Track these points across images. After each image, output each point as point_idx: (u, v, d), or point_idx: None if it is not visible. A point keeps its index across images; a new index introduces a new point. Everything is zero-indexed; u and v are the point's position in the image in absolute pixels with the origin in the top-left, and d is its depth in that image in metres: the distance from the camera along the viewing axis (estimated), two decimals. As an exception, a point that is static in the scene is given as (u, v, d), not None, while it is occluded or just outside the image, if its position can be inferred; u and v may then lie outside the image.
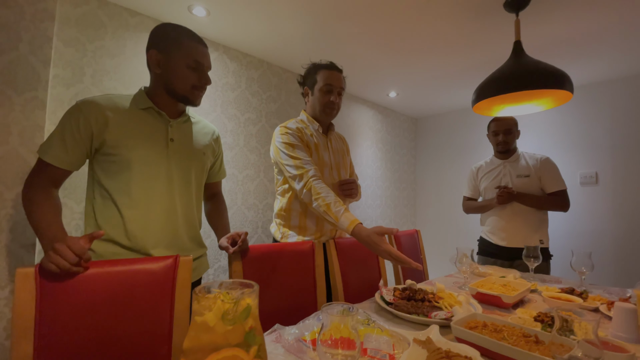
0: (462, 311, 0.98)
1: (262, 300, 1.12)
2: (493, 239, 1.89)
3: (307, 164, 1.25)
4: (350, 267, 1.44)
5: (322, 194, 1.20)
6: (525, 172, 1.81)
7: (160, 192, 0.99)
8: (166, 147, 1.00)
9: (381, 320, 1.00)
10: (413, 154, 3.43)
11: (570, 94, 1.19)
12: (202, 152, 1.11)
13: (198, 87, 1.00)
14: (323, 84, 1.34)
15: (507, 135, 1.83)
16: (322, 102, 1.36)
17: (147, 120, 0.99)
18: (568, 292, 1.24)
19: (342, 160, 1.51)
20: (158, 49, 0.96)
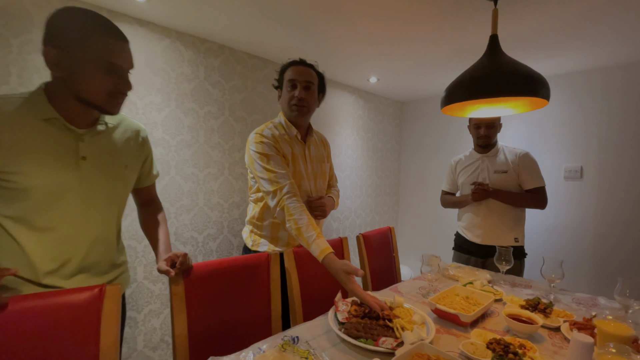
0: (412, 338, 0.93)
1: (208, 319, 1.06)
2: (468, 235, 1.86)
3: (282, 178, 1.19)
4: (311, 278, 1.38)
5: (295, 216, 1.14)
6: (503, 167, 1.76)
7: (70, 219, 0.83)
8: (77, 168, 0.82)
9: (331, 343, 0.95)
10: (398, 141, 3.29)
11: (545, 101, 1.06)
12: (124, 166, 0.93)
13: (115, 94, 0.81)
14: (287, 81, 1.26)
15: (489, 130, 1.76)
16: (286, 99, 1.27)
17: (50, 134, 0.77)
18: (532, 305, 1.19)
19: (319, 169, 1.43)
20: (56, 45, 0.73)
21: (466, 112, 1.27)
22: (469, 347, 0.91)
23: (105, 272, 0.94)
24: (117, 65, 0.79)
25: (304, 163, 1.35)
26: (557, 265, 1.34)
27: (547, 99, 1.01)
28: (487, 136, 1.77)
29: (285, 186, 1.17)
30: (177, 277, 1.02)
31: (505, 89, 0.97)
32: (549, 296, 1.36)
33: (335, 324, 1.03)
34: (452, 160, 2.01)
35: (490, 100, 1.17)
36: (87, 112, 0.83)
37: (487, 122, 1.75)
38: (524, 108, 1.24)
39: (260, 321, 1.19)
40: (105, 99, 0.80)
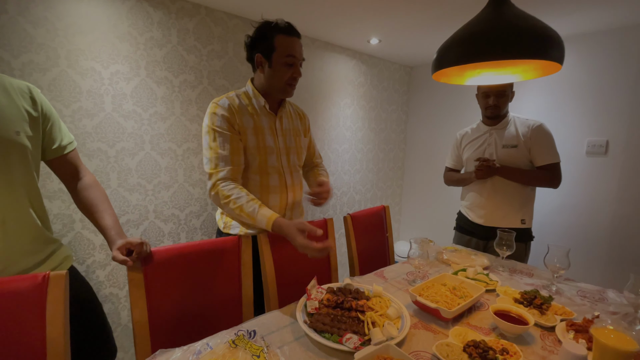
0: (380, 336, 0.84)
1: (172, 306, 1.02)
2: (470, 215, 1.73)
3: (222, 161, 1.12)
4: (288, 262, 1.30)
5: (233, 196, 1.08)
6: (513, 141, 1.57)
7: None
8: None
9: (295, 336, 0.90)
10: (404, 110, 3.03)
11: (558, 65, 0.85)
12: (15, 132, 0.78)
13: None
14: (285, 55, 1.11)
15: (500, 99, 1.55)
16: (284, 79, 1.13)
17: None
18: (528, 299, 1.07)
19: (294, 143, 1.32)
20: None
21: (464, 79, 1.06)
22: (442, 349, 0.82)
23: (32, 252, 0.85)
24: None
25: (272, 136, 1.23)
26: (563, 255, 1.20)
27: (559, 62, 0.80)
28: (496, 106, 1.56)
29: (222, 171, 1.11)
30: (135, 264, 0.96)
31: (508, 49, 0.76)
32: (551, 287, 1.23)
33: (302, 314, 0.97)
34: (458, 134, 1.81)
35: (493, 64, 0.96)
36: None
37: (497, 90, 1.53)
38: (533, 73, 1.02)
39: (231, 307, 1.15)
40: None
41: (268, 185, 1.23)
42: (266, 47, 1.12)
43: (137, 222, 1.65)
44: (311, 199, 1.25)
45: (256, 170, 1.20)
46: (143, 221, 1.66)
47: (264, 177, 1.22)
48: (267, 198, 1.23)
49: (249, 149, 1.17)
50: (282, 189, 1.26)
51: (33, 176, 0.85)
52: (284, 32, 1.11)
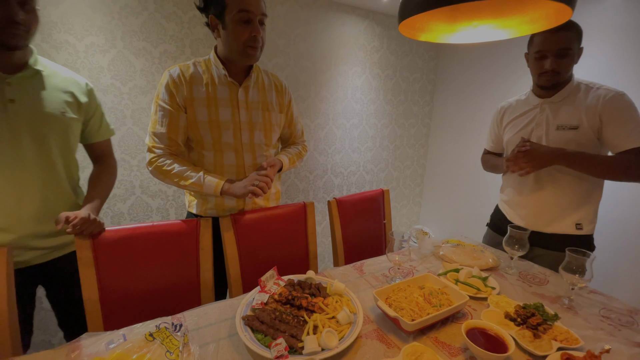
0: (312, 346, 0.75)
1: (125, 286, 1.02)
2: (509, 213, 1.36)
3: (158, 138, 1.07)
4: (255, 247, 1.23)
5: (175, 168, 1.07)
6: (573, 120, 1.14)
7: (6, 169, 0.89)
8: (4, 110, 0.87)
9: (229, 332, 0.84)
10: (431, 79, 2.64)
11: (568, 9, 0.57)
12: (61, 112, 0.96)
13: (6, 24, 0.82)
14: (237, 11, 0.97)
15: (561, 60, 1.11)
16: (241, 39, 1.00)
17: None
18: (523, 317, 0.87)
19: (261, 118, 1.17)
20: None
21: (436, 36, 0.78)
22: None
23: None
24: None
25: (233, 108, 1.11)
26: (586, 263, 0.94)
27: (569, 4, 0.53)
28: (555, 72, 1.12)
29: (157, 148, 1.07)
30: (83, 241, 0.95)
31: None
32: (564, 301, 0.98)
33: (246, 308, 0.89)
34: (499, 106, 1.40)
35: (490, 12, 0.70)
36: (6, 56, 0.87)
37: (556, 49, 1.09)
38: (519, 28, 0.73)
39: (189, 290, 1.12)
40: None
41: (222, 164, 1.13)
42: (217, 4, 0.99)
43: (124, 197, 1.68)
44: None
45: (209, 147, 1.10)
46: (130, 196, 1.68)
47: (218, 155, 1.12)
48: None
49: (199, 123, 1.07)
50: (240, 169, 1.15)
51: (70, 150, 1.02)
52: None
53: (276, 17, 1.86)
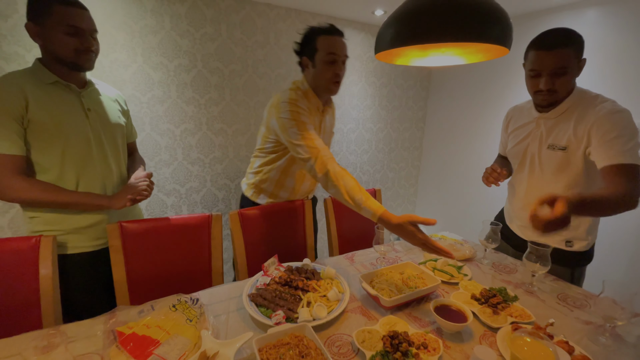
0: (305, 316, 0.91)
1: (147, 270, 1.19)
2: (507, 219, 1.37)
3: (320, 146, 1.14)
4: (257, 238, 1.40)
5: (341, 181, 1.09)
6: (561, 140, 1.08)
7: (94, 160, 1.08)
8: (86, 118, 1.06)
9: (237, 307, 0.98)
10: (424, 86, 2.80)
11: (503, 49, 0.73)
12: (118, 116, 1.18)
13: (81, 51, 0.99)
14: (325, 54, 1.17)
15: (556, 79, 1.02)
16: (326, 77, 1.21)
17: (57, 95, 1.01)
18: (486, 297, 1.02)
19: (328, 139, 1.46)
20: (33, 20, 0.96)
21: (409, 59, 0.95)
22: (361, 335, 0.84)
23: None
24: (77, 28, 0.97)
25: (317, 133, 1.34)
26: (546, 253, 1.06)
27: (501, 44, 0.69)
28: (551, 91, 1.04)
29: (324, 154, 1.13)
30: (114, 231, 1.12)
31: (434, 31, 0.68)
32: (530, 287, 1.12)
33: (251, 288, 1.05)
34: (509, 109, 1.34)
35: (436, 44, 0.86)
36: (75, 74, 1.05)
37: (551, 68, 1.00)
38: (476, 56, 0.89)
39: (202, 275, 1.28)
40: (75, 55, 0.99)
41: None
42: (310, 49, 1.19)
43: (197, 189, 1.95)
44: None
45: None
46: (202, 188, 1.96)
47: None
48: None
49: None
50: None
51: (126, 149, 1.25)
52: (325, 33, 1.19)
53: (280, 32, 2.05)
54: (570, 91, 1.08)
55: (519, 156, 1.25)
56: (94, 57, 1.05)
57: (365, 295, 1.06)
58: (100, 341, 0.81)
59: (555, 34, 1.03)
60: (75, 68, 1.02)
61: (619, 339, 0.86)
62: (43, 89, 0.98)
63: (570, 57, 1.00)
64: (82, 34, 0.98)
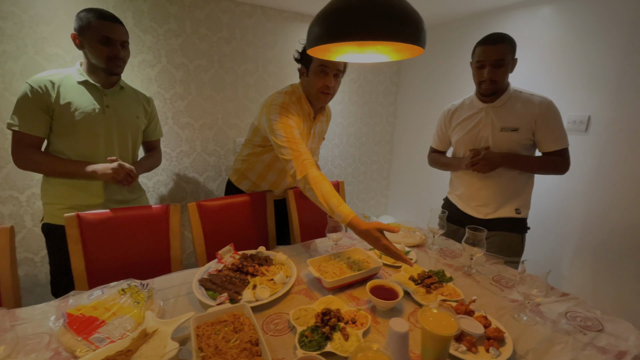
0: (248, 296, 0.98)
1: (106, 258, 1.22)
2: (459, 204, 1.56)
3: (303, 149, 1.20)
4: (216, 228, 1.45)
5: (317, 185, 1.15)
6: (513, 123, 1.33)
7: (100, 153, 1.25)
8: (103, 112, 1.23)
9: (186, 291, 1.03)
10: (394, 81, 2.88)
11: (418, 48, 0.80)
12: (136, 116, 1.34)
13: (112, 59, 1.18)
14: (317, 65, 1.24)
15: (496, 70, 1.28)
16: (316, 86, 1.27)
17: (85, 92, 1.21)
18: (421, 278, 1.09)
19: (317, 145, 1.53)
20: (77, 32, 1.16)
21: (333, 55, 1.00)
22: (297, 313, 0.90)
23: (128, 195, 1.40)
24: (109, 38, 1.16)
25: (306, 140, 1.40)
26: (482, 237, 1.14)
27: (413, 42, 0.75)
28: (492, 81, 1.29)
29: (305, 158, 1.19)
30: (72, 220, 1.15)
31: (353, 29, 0.73)
32: (465, 269, 1.21)
33: (202, 273, 1.10)
34: (446, 109, 1.55)
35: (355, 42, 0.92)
36: (106, 76, 1.24)
37: (493, 59, 1.26)
38: (395, 55, 0.95)
39: (161, 264, 1.32)
40: (106, 61, 1.18)
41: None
42: (307, 58, 1.27)
43: (165, 182, 2.04)
44: None
45: None
46: (170, 182, 2.05)
47: None
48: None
49: None
50: None
51: (138, 146, 1.43)
52: None
53: (246, 28, 2.09)
54: (506, 85, 1.35)
55: (472, 142, 1.44)
56: (123, 64, 1.24)
57: (312, 278, 1.13)
58: (51, 323, 0.85)
59: (496, 34, 1.29)
60: (106, 72, 1.21)
61: (541, 315, 0.94)
62: (73, 86, 1.18)
63: (507, 52, 1.26)
64: (114, 43, 1.17)
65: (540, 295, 0.91)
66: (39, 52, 1.59)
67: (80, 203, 1.26)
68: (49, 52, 1.62)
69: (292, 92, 1.32)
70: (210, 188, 2.19)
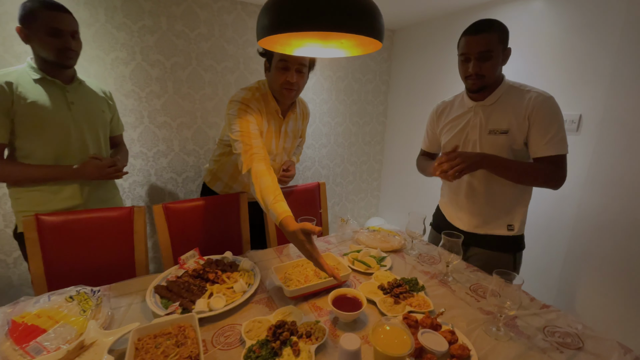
0: (201, 306, 0.92)
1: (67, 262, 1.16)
2: (448, 214, 1.38)
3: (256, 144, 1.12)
4: (184, 230, 1.39)
5: (258, 179, 1.05)
6: (503, 124, 1.14)
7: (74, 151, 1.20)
8: (69, 110, 1.18)
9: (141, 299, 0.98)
10: (384, 80, 2.80)
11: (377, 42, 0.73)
12: (102, 111, 1.30)
13: (63, 50, 1.10)
14: (278, 60, 1.17)
15: (483, 63, 1.09)
16: (277, 82, 1.20)
17: (44, 90, 1.13)
18: (390, 287, 1.03)
19: (291, 144, 1.46)
20: (22, 24, 1.08)
21: (290, 49, 0.93)
22: (250, 325, 0.85)
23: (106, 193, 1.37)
24: (58, 29, 1.08)
25: (276, 139, 1.33)
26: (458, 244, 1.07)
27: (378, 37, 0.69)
28: (479, 75, 1.11)
29: (255, 152, 1.11)
30: (30, 223, 1.10)
31: (303, 19, 0.67)
32: (446, 278, 1.13)
33: (162, 280, 1.05)
34: (436, 106, 1.39)
35: (317, 35, 0.86)
36: (61, 71, 1.17)
37: (477, 51, 1.08)
38: (356, 50, 0.88)
39: (124, 268, 1.27)
40: (57, 54, 1.10)
41: None
42: (269, 53, 1.19)
43: (142, 183, 1.98)
44: None
45: None
46: (146, 182, 1.98)
47: None
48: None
49: None
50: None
51: (108, 140, 1.37)
52: None
53: (225, 25, 2.04)
54: (498, 79, 1.16)
55: (458, 144, 1.25)
56: (75, 55, 1.16)
57: (277, 286, 1.07)
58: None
59: (480, 22, 1.11)
60: (58, 65, 1.13)
61: (516, 330, 0.87)
62: (30, 85, 1.11)
63: (494, 42, 1.07)
64: (63, 34, 1.09)
65: (514, 307, 0.84)
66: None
67: (58, 207, 1.20)
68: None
69: (257, 89, 1.26)
70: (190, 189, 2.14)
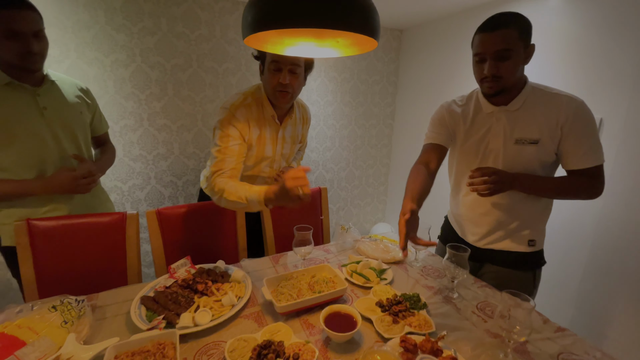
0: (186, 322, 0.87)
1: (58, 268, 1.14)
2: (460, 229, 1.26)
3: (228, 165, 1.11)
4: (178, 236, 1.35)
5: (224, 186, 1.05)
6: (533, 133, 1.00)
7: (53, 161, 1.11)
8: (42, 116, 1.06)
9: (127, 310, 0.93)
10: (392, 81, 2.71)
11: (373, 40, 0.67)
12: (80, 112, 1.18)
13: (25, 55, 0.98)
14: (269, 61, 1.12)
15: (501, 62, 0.95)
16: (270, 84, 1.15)
17: (12, 96, 1.02)
18: (389, 304, 0.95)
19: (290, 150, 1.40)
20: None
21: (284, 47, 0.86)
22: (234, 344, 0.80)
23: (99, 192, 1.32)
24: (16, 31, 0.94)
25: (272, 145, 1.29)
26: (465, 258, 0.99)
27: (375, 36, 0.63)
28: (496, 77, 0.97)
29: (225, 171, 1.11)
30: (21, 228, 1.09)
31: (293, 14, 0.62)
32: (451, 294, 1.05)
33: (149, 290, 1.01)
34: (446, 103, 1.22)
35: (311, 33, 0.80)
36: (31, 76, 1.05)
37: (494, 51, 0.94)
38: (350, 49, 0.82)
39: (117, 275, 1.24)
40: (19, 58, 0.98)
41: None
42: (263, 55, 1.15)
43: (141, 186, 1.96)
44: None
45: None
46: (146, 185, 1.96)
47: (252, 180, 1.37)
48: None
49: None
50: None
51: (89, 142, 1.27)
52: None
53: (226, 26, 2.01)
54: (520, 81, 1.02)
55: (476, 155, 1.12)
56: (40, 58, 1.03)
57: (268, 300, 1.01)
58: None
59: (497, 16, 0.98)
60: (22, 70, 1.02)
61: (527, 356, 0.79)
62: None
63: (513, 39, 0.93)
64: (23, 36, 0.96)
65: (524, 334, 0.75)
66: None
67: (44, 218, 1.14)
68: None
69: (252, 93, 1.20)
70: (190, 192, 2.11)
